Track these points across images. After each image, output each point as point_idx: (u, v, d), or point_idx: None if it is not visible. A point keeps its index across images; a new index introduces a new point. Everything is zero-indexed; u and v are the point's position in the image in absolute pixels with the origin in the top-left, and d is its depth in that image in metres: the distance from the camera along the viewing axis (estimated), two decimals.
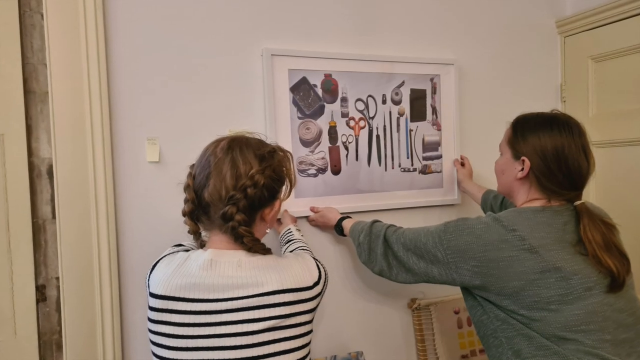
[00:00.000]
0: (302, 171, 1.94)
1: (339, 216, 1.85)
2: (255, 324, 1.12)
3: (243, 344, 1.10)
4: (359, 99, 2.03)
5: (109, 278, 1.66)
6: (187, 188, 1.25)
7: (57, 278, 1.67)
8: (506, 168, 1.48)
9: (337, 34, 2.01)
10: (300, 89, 1.92)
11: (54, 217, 1.66)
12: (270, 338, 1.12)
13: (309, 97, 1.94)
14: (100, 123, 1.63)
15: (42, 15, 1.62)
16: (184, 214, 1.25)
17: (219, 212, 1.18)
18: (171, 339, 1.13)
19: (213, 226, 1.23)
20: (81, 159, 1.62)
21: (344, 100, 2.00)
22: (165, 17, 1.74)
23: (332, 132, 1.98)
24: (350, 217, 1.84)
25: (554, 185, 1.37)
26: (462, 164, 2.21)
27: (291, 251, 1.57)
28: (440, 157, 2.20)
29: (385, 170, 2.09)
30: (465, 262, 1.35)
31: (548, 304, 1.25)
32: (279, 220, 1.85)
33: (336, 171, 2.00)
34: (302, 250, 1.53)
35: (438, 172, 2.20)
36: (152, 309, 1.16)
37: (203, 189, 1.20)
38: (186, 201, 1.24)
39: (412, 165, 2.14)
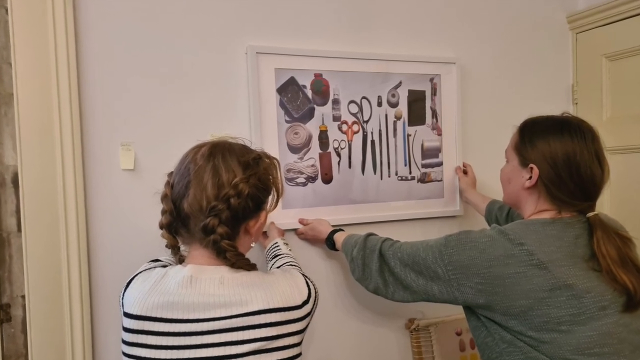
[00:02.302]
0: (290, 180, 1.93)
1: (331, 229, 1.85)
2: (239, 346, 1.11)
3: None
4: (352, 101, 2.03)
5: (80, 296, 1.65)
6: (164, 198, 1.25)
7: (23, 296, 1.66)
8: (513, 176, 1.49)
9: (329, 30, 2.02)
10: (288, 90, 1.92)
11: (19, 229, 1.65)
12: None
13: (298, 98, 1.94)
14: (70, 127, 1.62)
15: (6, 10, 1.61)
16: (161, 227, 1.25)
17: (199, 224, 1.18)
18: None
19: (193, 240, 1.23)
20: (49, 167, 1.61)
21: (336, 102, 2.00)
22: (141, 12, 1.74)
23: (323, 137, 1.98)
24: (342, 230, 1.84)
25: (564, 195, 1.37)
26: (465, 172, 2.21)
27: (278, 267, 1.57)
28: (440, 164, 2.20)
29: (381, 178, 2.09)
30: (468, 279, 1.35)
31: (558, 325, 1.25)
32: (264, 233, 1.85)
33: (327, 180, 2.00)
34: (290, 266, 1.53)
35: (438, 180, 2.20)
36: (126, 330, 1.16)
37: (182, 199, 1.20)
38: (163, 212, 1.24)
39: (410, 173, 2.14)
